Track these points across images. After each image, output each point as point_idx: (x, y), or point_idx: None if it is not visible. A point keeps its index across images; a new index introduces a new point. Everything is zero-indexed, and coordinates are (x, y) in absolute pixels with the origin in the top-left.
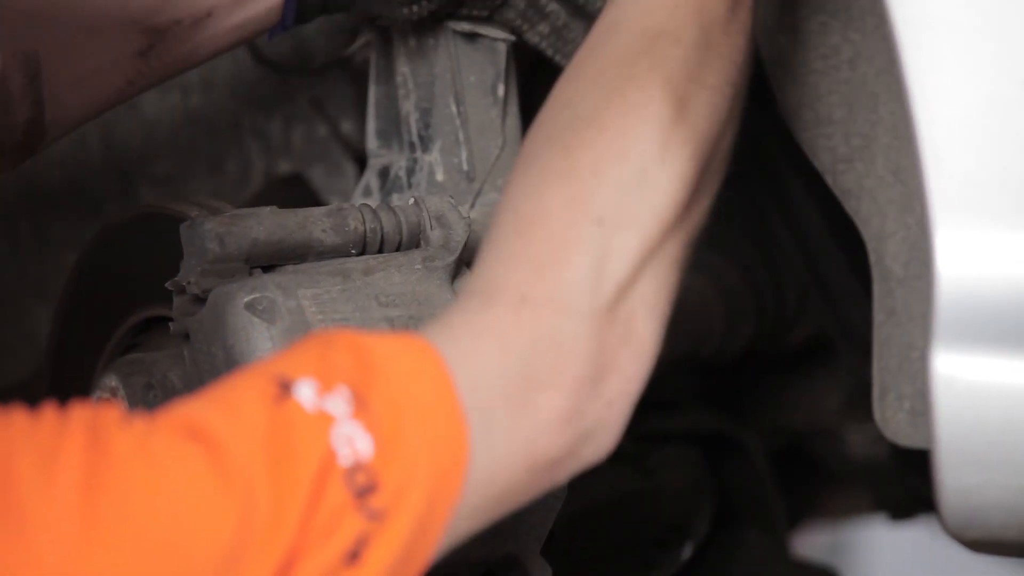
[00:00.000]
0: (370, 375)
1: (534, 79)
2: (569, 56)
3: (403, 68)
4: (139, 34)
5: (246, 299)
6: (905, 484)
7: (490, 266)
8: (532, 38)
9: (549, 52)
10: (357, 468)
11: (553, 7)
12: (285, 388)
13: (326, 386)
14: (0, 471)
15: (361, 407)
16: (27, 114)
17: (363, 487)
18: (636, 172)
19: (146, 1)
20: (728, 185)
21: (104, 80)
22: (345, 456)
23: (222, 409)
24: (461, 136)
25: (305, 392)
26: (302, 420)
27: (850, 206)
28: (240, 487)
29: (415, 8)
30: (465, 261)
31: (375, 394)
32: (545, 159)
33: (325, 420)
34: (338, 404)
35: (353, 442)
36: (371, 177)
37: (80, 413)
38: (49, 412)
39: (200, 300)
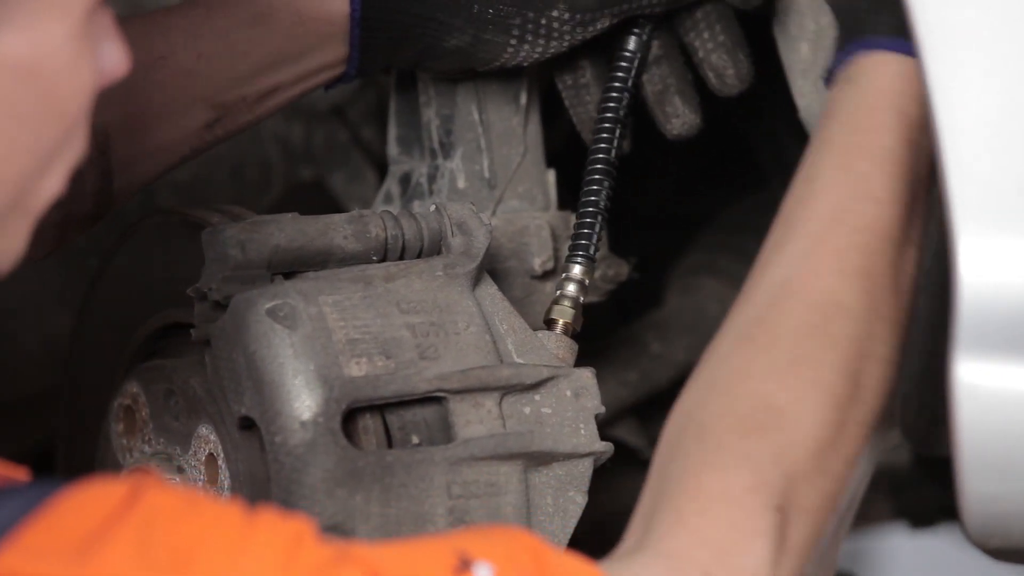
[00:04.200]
0: None
1: (556, 87)
2: (581, 116)
3: (424, 74)
4: (205, 110)
5: (267, 305)
6: (927, 492)
7: (671, 533)
8: (558, 84)
9: (567, 103)
10: None
11: (584, 62)
12: (465, 565)
13: None
14: (185, 557)
15: None
16: (97, 184)
17: None
18: (812, 461)
19: (213, 81)
20: (748, 194)
21: (170, 151)
22: None
23: (405, 568)
24: (483, 143)
25: (483, 574)
26: None
27: None
28: None
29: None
30: (486, 268)
31: None
32: (722, 435)
33: None
34: None
35: None
36: (392, 184)
37: (273, 516)
38: (236, 506)
39: (221, 306)
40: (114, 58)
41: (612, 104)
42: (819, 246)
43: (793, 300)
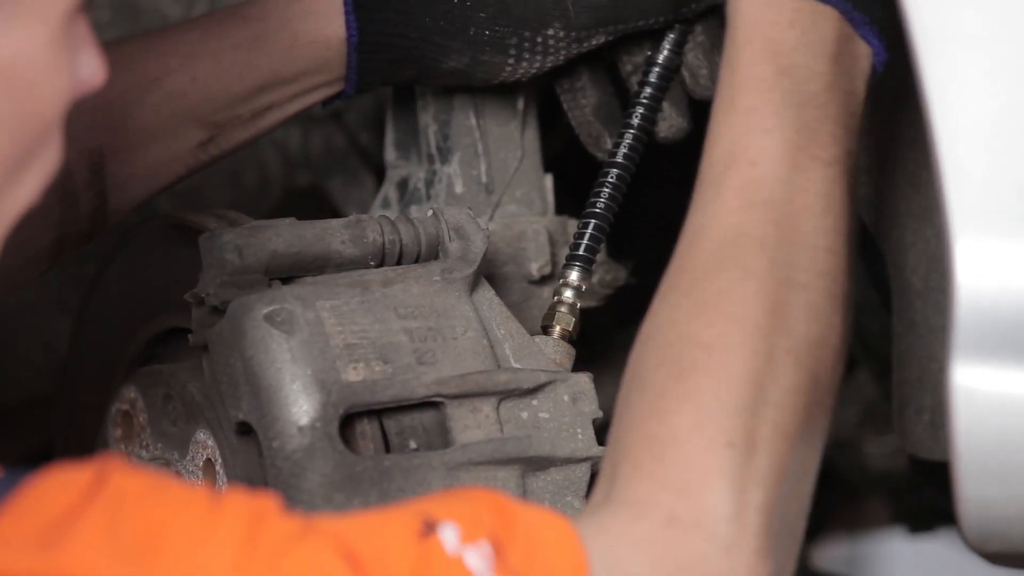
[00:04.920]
0: (512, 537)
1: (554, 91)
2: (578, 119)
3: None
4: (199, 129)
5: (265, 311)
6: (924, 496)
7: (631, 482)
8: (556, 87)
9: (564, 106)
10: None
11: (581, 66)
12: (430, 527)
13: (469, 536)
14: (152, 541)
15: (501, 565)
16: (91, 204)
17: None
18: (751, 392)
19: (207, 102)
20: None
21: (164, 170)
22: None
23: (370, 536)
24: (480, 148)
25: (448, 535)
26: (442, 561)
27: (868, 218)
28: None
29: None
30: (484, 273)
31: (514, 556)
32: (661, 381)
33: (465, 570)
34: (478, 558)
35: None
36: (390, 189)
37: (238, 496)
38: (202, 489)
39: (219, 311)
40: (91, 67)
41: (642, 111)
42: (721, 187)
43: (704, 241)
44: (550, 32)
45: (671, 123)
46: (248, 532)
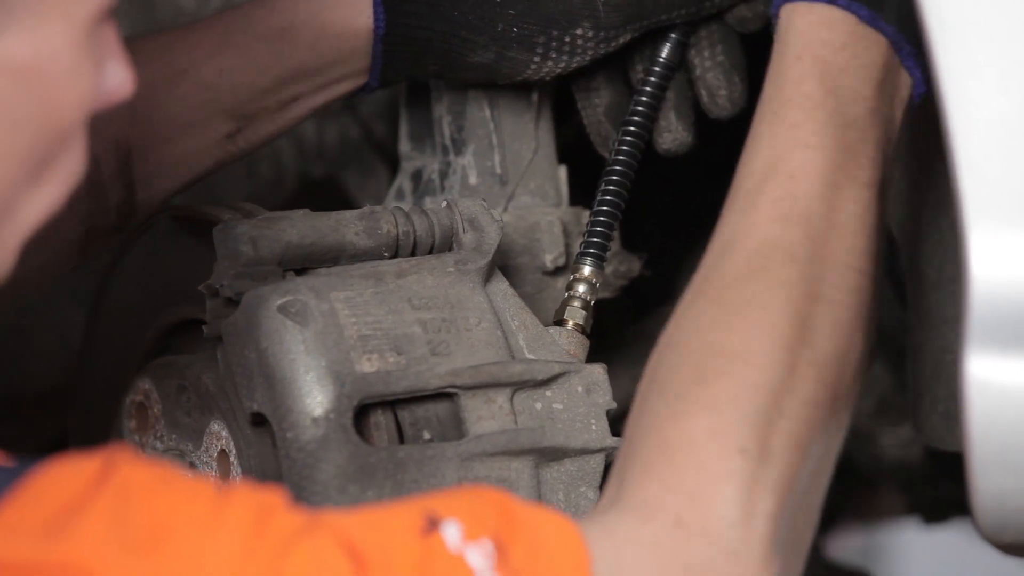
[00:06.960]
0: (515, 537)
1: (568, 84)
2: (591, 118)
3: None
4: (226, 121)
5: (279, 302)
6: (939, 487)
7: (641, 485)
8: (571, 85)
9: (578, 104)
10: None
11: (598, 66)
12: (432, 524)
13: (471, 534)
14: (158, 532)
15: (502, 564)
16: (119, 196)
17: None
18: (770, 402)
19: (234, 94)
20: None
21: (193, 162)
22: None
23: (374, 532)
24: (494, 140)
25: (451, 532)
26: (444, 558)
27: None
28: None
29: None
30: (498, 264)
31: (516, 555)
32: (680, 386)
33: (466, 568)
34: (480, 556)
35: None
36: (404, 180)
37: (245, 489)
38: (209, 482)
39: (233, 303)
40: (118, 78)
41: (641, 108)
42: (758, 198)
43: (736, 250)
44: (579, 31)
45: (676, 136)
46: (254, 526)
